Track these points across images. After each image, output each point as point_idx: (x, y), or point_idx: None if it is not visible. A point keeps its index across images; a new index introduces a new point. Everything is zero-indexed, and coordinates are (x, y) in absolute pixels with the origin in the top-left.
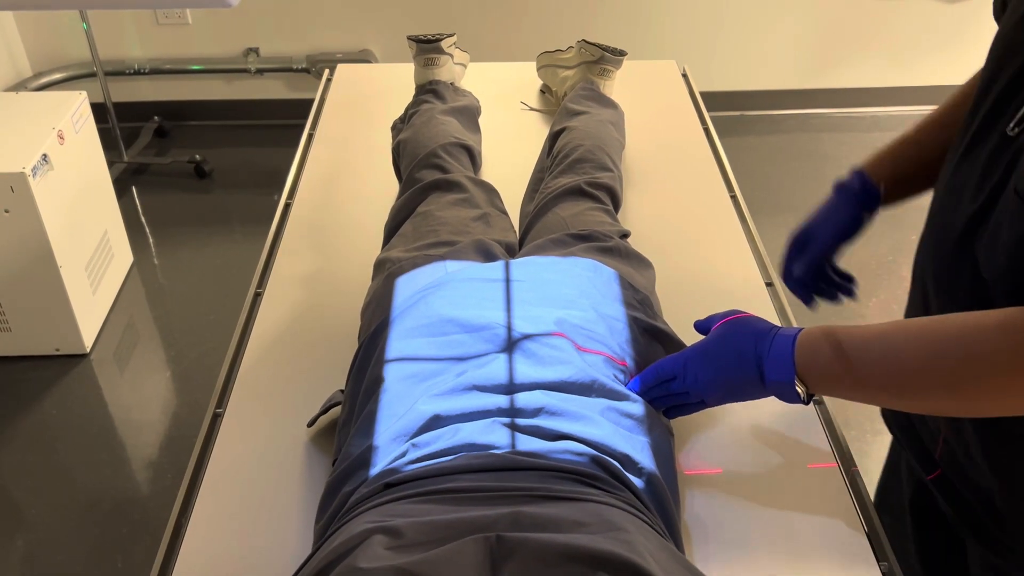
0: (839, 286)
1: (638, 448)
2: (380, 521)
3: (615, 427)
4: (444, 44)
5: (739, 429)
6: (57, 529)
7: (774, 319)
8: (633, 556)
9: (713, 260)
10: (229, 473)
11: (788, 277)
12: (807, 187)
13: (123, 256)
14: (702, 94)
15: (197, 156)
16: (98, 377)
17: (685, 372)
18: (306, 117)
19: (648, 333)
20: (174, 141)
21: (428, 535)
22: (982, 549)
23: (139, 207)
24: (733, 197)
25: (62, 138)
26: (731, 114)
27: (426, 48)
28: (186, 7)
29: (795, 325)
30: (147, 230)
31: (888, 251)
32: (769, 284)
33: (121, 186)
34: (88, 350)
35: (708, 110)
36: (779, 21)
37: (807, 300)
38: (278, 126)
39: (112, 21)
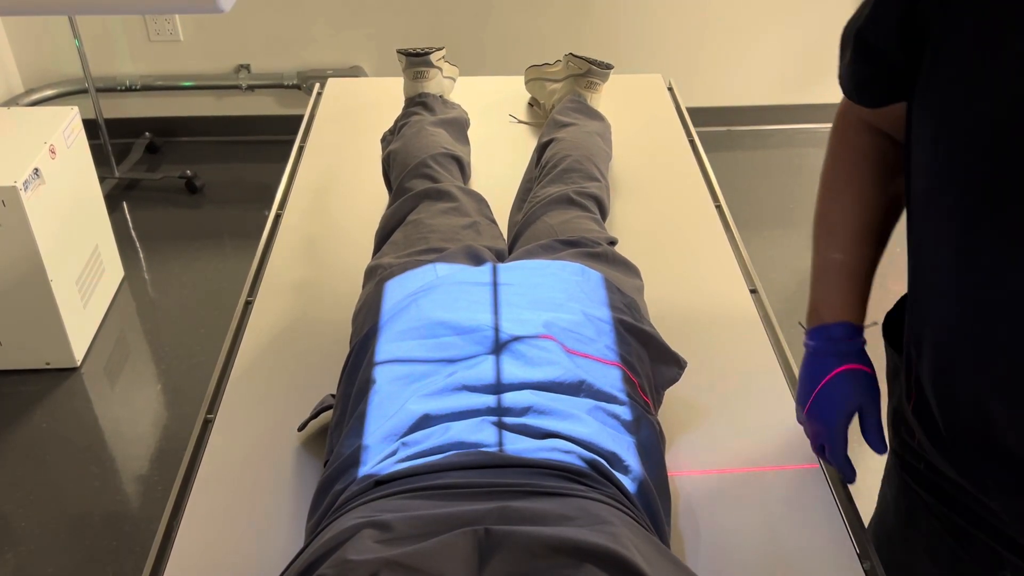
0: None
1: (625, 447)
2: (370, 516)
3: (602, 426)
4: (433, 58)
5: (726, 432)
6: (47, 542)
7: (758, 326)
8: (619, 548)
9: (699, 268)
10: (220, 477)
11: (837, 456)
12: (792, 201)
13: (114, 271)
14: (689, 110)
15: (188, 172)
16: (88, 391)
17: None
18: (296, 133)
19: (635, 336)
20: (165, 157)
21: (417, 529)
22: None
23: (130, 222)
24: (718, 207)
25: (54, 153)
26: (717, 129)
27: (415, 61)
28: (176, 13)
29: (779, 333)
30: (138, 245)
31: None
32: (753, 291)
33: (112, 201)
34: (78, 364)
35: (695, 125)
36: (764, 37)
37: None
38: (269, 142)
39: (104, 38)
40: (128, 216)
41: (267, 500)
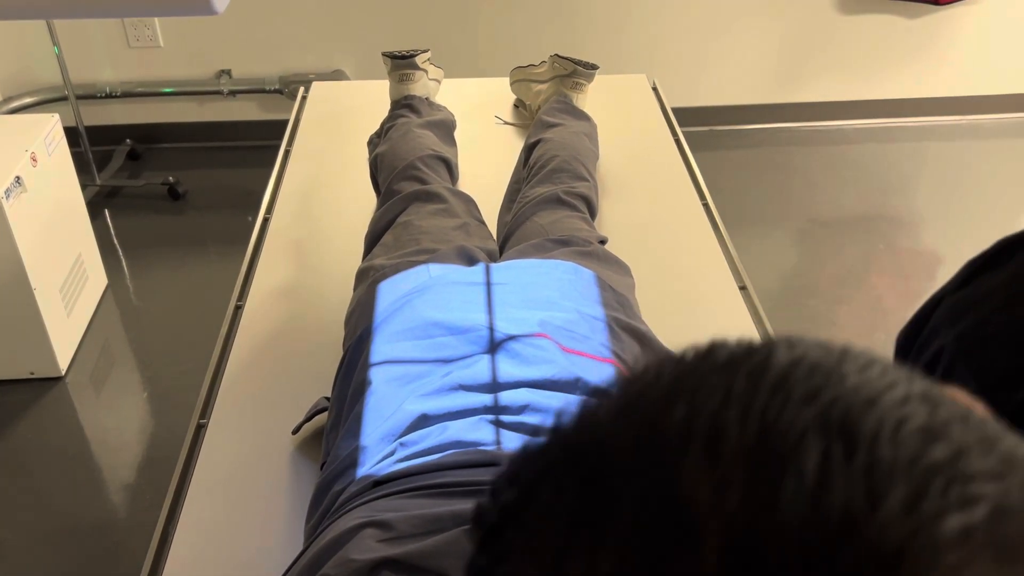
0: None
1: None
2: (370, 516)
3: None
4: (418, 60)
5: None
6: (34, 555)
7: (748, 323)
8: None
9: (688, 266)
10: (214, 482)
11: None
12: (777, 199)
13: (97, 279)
14: (673, 110)
15: (170, 178)
16: (74, 400)
17: None
18: (279, 138)
19: (629, 333)
20: (147, 164)
21: (418, 527)
22: None
23: (112, 230)
24: (705, 205)
25: (35, 160)
26: (701, 129)
27: (401, 64)
28: (167, 16)
29: (769, 329)
30: (121, 252)
31: (858, 259)
32: (742, 288)
33: (94, 209)
34: (63, 373)
35: (680, 125)
36: (746, 37)
37: None
38: (251, 147)
39: (83, 44)
40: (110, 224)
41: (263, 503)
